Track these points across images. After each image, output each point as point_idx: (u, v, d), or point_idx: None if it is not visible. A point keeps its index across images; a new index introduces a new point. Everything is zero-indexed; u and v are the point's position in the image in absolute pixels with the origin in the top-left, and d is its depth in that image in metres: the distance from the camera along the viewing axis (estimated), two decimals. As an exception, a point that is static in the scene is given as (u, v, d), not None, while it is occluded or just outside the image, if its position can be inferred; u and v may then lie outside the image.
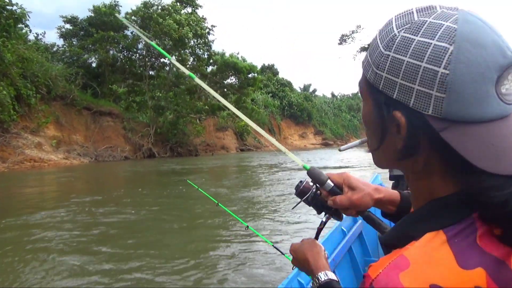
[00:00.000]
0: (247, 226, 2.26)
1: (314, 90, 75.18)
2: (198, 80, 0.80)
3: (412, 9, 0.60)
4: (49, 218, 7.46)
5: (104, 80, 32.26)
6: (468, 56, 0.52)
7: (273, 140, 0.96)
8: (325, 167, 18.19)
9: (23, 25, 24.66)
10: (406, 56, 0.56)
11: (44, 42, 31.41)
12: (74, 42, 32.61)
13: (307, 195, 1.07)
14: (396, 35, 0.58)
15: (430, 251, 0.54)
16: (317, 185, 1.04)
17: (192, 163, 23.63)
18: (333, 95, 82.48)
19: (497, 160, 0.52)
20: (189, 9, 33.97)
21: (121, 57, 33.54)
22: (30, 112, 23.24)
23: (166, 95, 32.49)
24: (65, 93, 26.14)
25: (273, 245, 2.62)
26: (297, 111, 57.82)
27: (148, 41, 0.97)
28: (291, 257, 1.18)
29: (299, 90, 69.48)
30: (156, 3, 32.00)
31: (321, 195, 1.05)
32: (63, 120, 25.76)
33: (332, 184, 1.00)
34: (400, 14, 0.62)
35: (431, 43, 0.54)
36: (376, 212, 1.07)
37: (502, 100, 0.53)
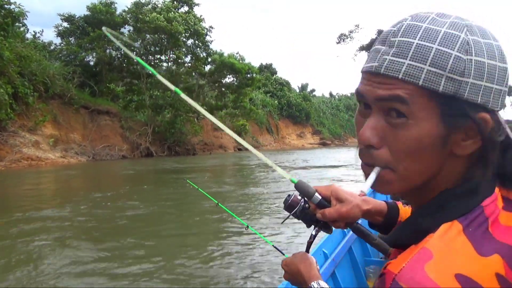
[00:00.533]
0: (247, 226, 2.24)
1: (313, 90, 75.23)
2: (184, 96, 0.78)
3: (432, 16, 0.60)
4: (49, 215, 7.45)
5: (101, 78, 32.18)
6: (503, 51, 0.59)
7: (257, 153, 0.91)
8: (323, 166, 18.22)
9: (20, 24, 24.61)
10: (486, 58, 0.56)
11: (42, 41, 31.35)
12: (72, 41, 32.48)
13: (296, 209, 1.05)
14: (465, 39, 0.56)
15: (449, 241, 0.54)
16: (305, 198, 1.01)
17: (190, 162, 23.62)
18: (331, 94, 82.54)
19: None
20: (186, 8, 33.86)
21: (118, 55, 33.42)
22: (27, 111, 23.17)
23: (164, 94, 32.43)
24: (63, 91, 26.05)
25: (273, 245, 2.60)
26: (295, 111, 57.81)
27: (133, 56, 0.92)
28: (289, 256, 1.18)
29: (297, 90, 69.48)
30: (146, 2, 31.90)
31: (310, 208, 1.03)
32: (61, 119, 25.68)
33: (320, 197, 0.97)
34: (424, 15, 0.60)
35: (493, 43, 0.57)
36: (363, 223, 1.06)
37: None
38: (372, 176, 0.65)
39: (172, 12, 30.99)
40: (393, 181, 0.63)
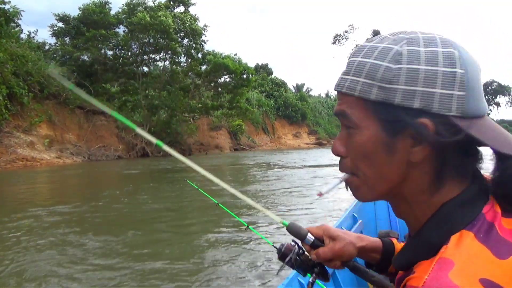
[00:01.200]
0: (247, 226, 2.24)
1: (308, 90, 75.31)
2: (166, 147, 0.78)
3: (386, 35, 0.66)
4: (46, 214, 7.41)
5: (97, 79, 32.07)
6: (468, 58, 0.60)
7: (245, 198, 0.92)
8: (319, 165, 18.22)
9: (15, 24, 24.48)
10: (420, 65, 0.59)
11: (36, 41, 31.20)
12: (67, 41, 32.32)
13: (289, 256, 1.00)
14: (399, 50, 0.61)
15: (467, 248, 0.56)
16: (298, 245, 0.98)
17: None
18: (327, 95, 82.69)
19: (507, 144, 0.58)
20: (182, 8, 33.81)
21: (113, 55, 33.32)
22: (22, 111, 23.06)
23: (160, 93, 32.39)
24: (58, 92, 25.93)
25: (273, 245, 2.60)
26: (291, 111, 57.89)
27: (68, 85, 0.87)
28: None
29: (293, 90, 69.54)
30: (140, 2, 31.82)
31: (304, 253, 0.99)
32: (56, 119, 25.57)
33: (313, 238, 0.95)
34: (381, 36, 0.66)
35: (438, 50, 0.59)
36: (360, 263, 1.04)
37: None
38: (335, 181, 0.73)
39: (162, 11, 30.90)
40: (360, 187, 0.69)
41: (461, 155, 0.62)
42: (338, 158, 0.71)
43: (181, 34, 31.81)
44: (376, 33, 68.21)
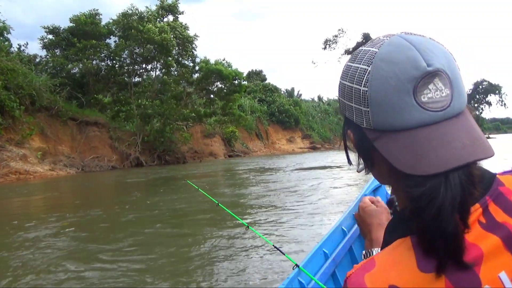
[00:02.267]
0: (248, 226, 2.22)
1: (300, 94, 75.50)
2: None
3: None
4: (45, 226, 7.33)
5: (88, 89, 31.94)
6: (381, 73, 0.61)
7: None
8: (313, 168, 18.25)
9: (3, 38, 24.38)
10: (346, 80, 0.67)
11: (27, 54, 31.06)
12: (57, 53, 32.18)
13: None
14: (345, 65, 0.69)
15: (397, 255, 0.60)
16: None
17: (182, 170, 23.51)
18: (319, 98, 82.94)
19: (416, 163, 0.58)
20: (171, 17, 33.82)
21: (105, 66, 33.24)
22: (14, 124, 22.88)
23: (153, 102, 32.30)
24: (50, 104, 25.77)
25: (273, 245, 2.59)
26: (284, 116, 57.97)
27: None
28: (291, 257, 1.19)
29: (284, 93, 69.67)
30: (136, 12, 31.83)
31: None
32: (48, 131, 25.39)
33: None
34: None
35: (358, 67, 0.64)
36: None
37: (424, 108, 0.59)
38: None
39: (161, 22, 30.99)
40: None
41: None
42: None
43: (173, 42, 31.80)
44: (366, 36, 68.66)
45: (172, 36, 30.64)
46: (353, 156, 0.77)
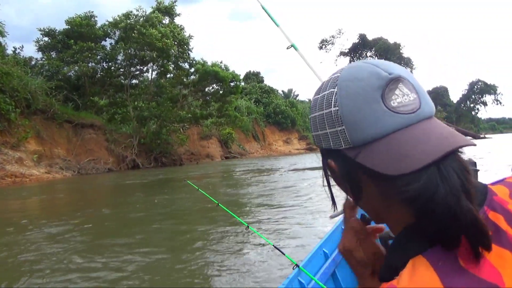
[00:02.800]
0: (248, 226, 2.21)
1: (297, 95, 75.61)
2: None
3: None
4: (49, 226, 7.29)
5: (84, 92, 31.85)
6: (348, 90, 0.63)
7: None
8: (311, 168, 18.27)
9: (-1, 42, 24.35)
10: (315, 112, 0.69)
11: (22, 56, 30.96)
12: (53, 55, 32.05)
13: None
14: (312, 100, 0.72)
15: (417, 277, 0.55)
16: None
17: (179, 172, 23.48)
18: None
19: (399, 163, 0.57)
20: (167, 19, 33.82)
21: (101, 68, 33.18)
22: (10, 127, 22.76)
23: (149, 105, 32.25)
24: (46, 107, 25.66)
25: (273, 245, 2.58)
26: (281, 117, 58.02)
27: None
28: (291, 257, 1.14)
29: (282, 95, 69.73)
30: (139, 14, 31.82)
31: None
32: (44, 134, 25.28)
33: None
34: None
35: (324, 94, 0.67)
36: None
37: (396, 112, 0.60)
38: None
39: (163, 27, 31.05)
40: None
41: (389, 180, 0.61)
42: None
43: (174, 48, 31.90)
44: (362, 36, 68.90)
45: (172, 42, 30.78)
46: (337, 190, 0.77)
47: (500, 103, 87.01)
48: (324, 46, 67.14)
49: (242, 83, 39.74)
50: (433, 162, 0.56)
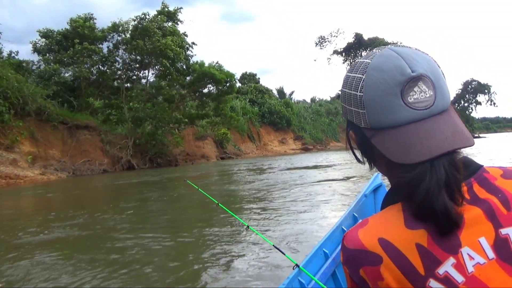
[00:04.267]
0: (248, 226, 2.19)
1: (292, 92, 75.62)
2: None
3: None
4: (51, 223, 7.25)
5: (80, 93, 31.69)
6: (373, 80, 0.73)
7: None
8: (308, 168, 18.30)
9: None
10: (346, 88, 0.79)
11: (17, 59, 30.72)
12: (50, 57, 31.77)
13: None
14: (345, 75, 0.80)
15: (388, 215, 0.73)
16: None
17: (175, 173, 23.45)
18: (312, 100, 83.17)
19: (405, 153, 0.69)
20: (170, 23, 33.79)
21: (97, 70, 33.07)
22: (3, 128, 22.64)
23: (144, 106, 32.17)
24: (40, 109, 25.48)
25: (273, 245, 2.57)
26: (276, 117, 58.05)
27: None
28: (291, 257, 1.15)
29: (276, 94, 69.77)
30: (150, 19, 31.82)
31: None
32: (39, 135, 25.14)
33: None
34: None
35: (355, 76, 0.76)
36: None
37: (411, 108, 0.70)
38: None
39: (175, 36, 31.27)
40: None
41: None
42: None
43: (181, 57, 32.04)
44: (358, 36, 69.04)
45: (182, 51, 31.18)
46: (359, 154, 0.88)
47: (494, 103, 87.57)
48: (321, 43, 67.10)
49: (239, 84, 39.78)
50: (429, 159, 0.68)
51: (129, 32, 31.81)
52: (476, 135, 68.91)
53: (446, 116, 0.72)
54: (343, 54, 67.45)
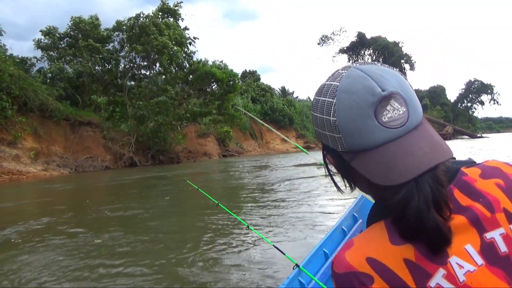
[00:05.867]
0: (248, 226, 2.21)
1: (293, 92, 75.59)
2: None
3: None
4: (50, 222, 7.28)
5: (84, 90, 31.71)
6: (345, 103, 0.71)
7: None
8: (309, 165, 18.29)
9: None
10: (317, 113, 0.77)
11: (19, 56, 30.82)
12: (53, 54, 31.76)
13: None
14: (314, 98, 0.79)
15: (371, 234, 0.72)
16: None
17: (177, 170, 23.45)
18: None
19: (387, 175, 0.68)
20: (171, 19, 33.77)
21: (101, 68, 33.10)
22: (6, 124, 22.70)
23: (148, 103, 32.18)
24: (43, 105, 25.54)
25: (273, 245, 2.58)
26: (278, 115, 58.00)
27: None
28: (291, 257, 1.16)
29: (279, 92, 69.69)
30: (146, 16, 31.82)
31: None
32: (41, 131, 25.22)
33: None
34: None
35: (325, 100, 0.75)
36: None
37: (386, 127, 0.69)
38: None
39: (172, 30, 31.26)
40: None
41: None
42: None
43: (179, 55, 32.05)
44: (361, 35, 68.92)
45: (180, 49, 31.27)
46: (338, 178, 0.88)
47: (497, 102, 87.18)
48: (324, 42, 66.99)
49: (240, 82, 39.78)
50: (413, 178, 0.66)
51: (126, 33, 31.82)
52: (479, 135, 68.52)
53: (421, 130, 0.72)
54: (348, 52, 67.38)
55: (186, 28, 34.09)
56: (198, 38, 34.57)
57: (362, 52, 68.96)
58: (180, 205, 9.67)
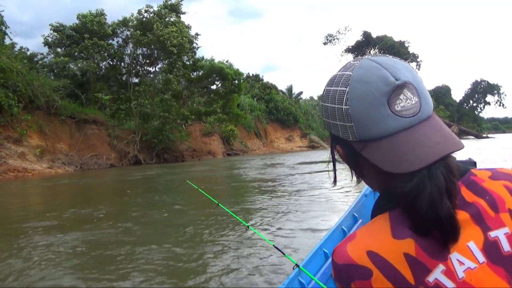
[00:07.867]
0: (248, 226, 2.22)
1: (300, 92, 75.42)
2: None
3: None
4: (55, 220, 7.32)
5: (89, 88, 31.85)
6: (358, 93, 0.72)
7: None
8: (312, 163, 18.29)
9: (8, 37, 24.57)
10: (328, 103, 0.77)
11: (27, 52, 30.96)
12: (60, 51, 31.94)
13: None
14: (324, 89, 0.80)
15: (375, 226, 0.72)
16: None
17: (181, 168, 23.49)
18: (320, 98, 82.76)
19: (400, 162, 0.68)
20: (174, 16, 33.83)
21: (106, 65, 33.22)
22: (12, 122, 22.83)
23: (152, 101, 32.26)
24: (49, 102, 25.68)
25: (273, 245, 2.59)
26: (283, 114, 57.92)
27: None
28: (291, 257, 1.16)
29: (284, 93, 69.56)
30: (150, 12, 31.97)
31: None
32: (47, 129, 25.35)
33: None
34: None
35: (337, 89, 0.75)
36: None
37: (399, 116, 0.70)
38: None
39: (174, 26, 31.40)
40: None
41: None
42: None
43: (187, 46, 32.13)
44: (367, 34, 68.65)
45: (186, 40, 31.41)
46: (342, 170, 0.90)
47: (503, 105, 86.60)
48: (329, 41, 66.77)
49: (244, 83, 39.83)
50: (426, 166, 0.66)
51: (134, 27, 31.97)
52: (484, 135, 68.17)
53: (432, 122, 0.72)
54: (354, 52, 67.16)
55: (188, 26, 34.12)
56: (200, 34, 34.62)
57: (368, 52, 68.70)
58: (180, 204, 9.67)
